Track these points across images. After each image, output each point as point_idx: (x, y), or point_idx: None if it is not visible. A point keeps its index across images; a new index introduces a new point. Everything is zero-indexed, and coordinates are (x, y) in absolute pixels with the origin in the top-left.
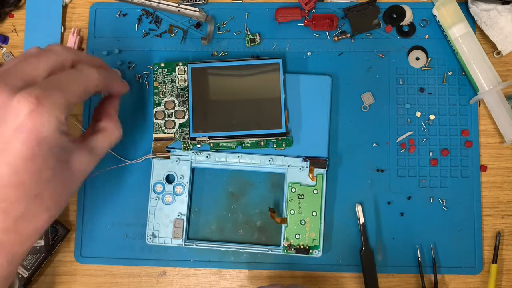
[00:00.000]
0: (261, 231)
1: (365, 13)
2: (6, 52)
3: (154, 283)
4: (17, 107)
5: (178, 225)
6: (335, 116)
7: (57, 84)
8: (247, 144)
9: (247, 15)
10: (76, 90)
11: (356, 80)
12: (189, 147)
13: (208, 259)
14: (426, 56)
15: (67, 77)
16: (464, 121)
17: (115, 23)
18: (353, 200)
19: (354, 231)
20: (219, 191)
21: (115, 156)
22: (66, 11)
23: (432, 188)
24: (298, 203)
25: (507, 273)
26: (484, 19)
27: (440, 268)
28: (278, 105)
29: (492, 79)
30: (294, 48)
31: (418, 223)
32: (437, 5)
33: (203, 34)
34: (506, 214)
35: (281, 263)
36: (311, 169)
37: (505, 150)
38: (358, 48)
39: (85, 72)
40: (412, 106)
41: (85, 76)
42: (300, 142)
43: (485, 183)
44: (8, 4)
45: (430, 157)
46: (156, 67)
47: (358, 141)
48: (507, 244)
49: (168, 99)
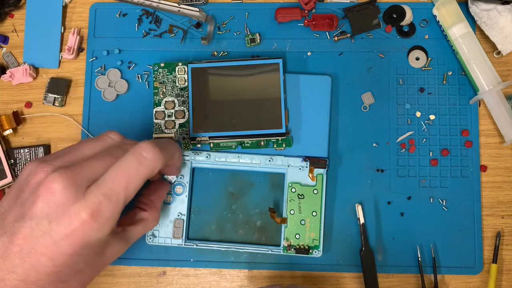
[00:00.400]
0: (261, 231)
1: (365, 13)
2: (6, 52)
3: (154, 283)
4: (73, 214)
5: (178, 225)
6: (335, 116)
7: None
8: (247, 144)
9: (247, 15)
10: (132, 190)
11: (356, 80)
12: (189, 147)
13: (208, 259)
14: (426, 56)
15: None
16: (464, 121)
17: (115, 23)
18: (353, 200)
19: (354, 231)
20: (219, 191)
21: None
22: (66, 11)
23: (432, 188)
24: (298, 203)
25: (507, 273)
26: (484, 19)
27: (440, 268)
28: (278, 105)
29: (492, 79)
30: (294, 48)
31: (418, 223)
32: (437, 5)
33: (203, 34)
34: (506, 214)
35: (281, 263)
36: (311, 169)
37: (505, 150)
38: (358, 48)
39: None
40: (412, 106)
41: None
42: (300, 142)
43: (485, 183)
44: (8, 4)
45: (430, 157)
46: (156, 67)
47: (358, 141)
48: (507, 244)
49: (168, 99)
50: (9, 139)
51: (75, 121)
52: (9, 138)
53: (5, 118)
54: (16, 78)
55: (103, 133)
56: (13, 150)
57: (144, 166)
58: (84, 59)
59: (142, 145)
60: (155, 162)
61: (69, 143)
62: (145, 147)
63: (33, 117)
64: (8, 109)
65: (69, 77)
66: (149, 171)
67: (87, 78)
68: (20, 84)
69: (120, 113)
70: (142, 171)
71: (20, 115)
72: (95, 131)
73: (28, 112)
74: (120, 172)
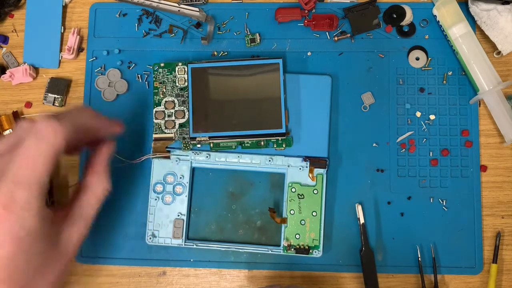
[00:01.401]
0: (261, 231)
1: (365, 13)
2: (6, 52)
3: (154, 283)
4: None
5: (178, 225)
6: (335, 116)
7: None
8: (247, 144)
9: (247, 15)
10: (41, 172)
11: (356, 80)
12: (189, 147)
13: (208, 259)
14: (426, 56)
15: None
16: (464, 121)
17: (115, 23)
18: (353, 200)
19: (354, 231)
20: (219, 191)
21: (115, 156)
22: (66, 11)
23: (432, 188)
24: (298, 203)
25: (507, 273)
26: (484, 19)
27: (440, 268)
28: (278, 105)
29: (492, 79)
30: (294, 48)
31: (418, 223)
32: (437, 5)
33: (203, 34)
34: (506, 214)
35: (281, 263)
36: (311, 169)
37: (505, 150)
38: (358, 48)
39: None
40: (412, 106)
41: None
42: (300, 142)
43: (485, 183)
44: (8, 4)
45: (430, 157)
46: (156, 67)
47: (358, 141)
48: (507, 244)
49: (168, 99)
50: None
51: None
52: None
53: (5, 118)
54: (16, 78)
55: None
56: None
57: (44, 142)
58: (84, 59)
59: (37, 123)
60: (55, 134)
61: None
62: (40, 124)
63: (33, 117)
64: (8, 109)
65: (69, 77)
66: (52, 146)
67: (87, 78)
68: (20, 84)
69: (120, 113)
70: (44, 148)
71: (20, 115)
72: None
73: (28, 112)
74: (22, 156)
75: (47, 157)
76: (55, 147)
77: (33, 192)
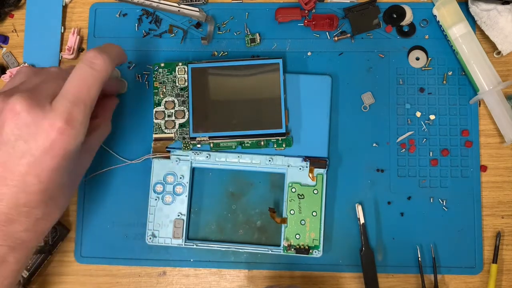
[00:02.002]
0: (261, 231)
1: (365, 13)
2: (6, 52)
3: (154, 283)
4: (48, 127)
5: (178, 225)
6: (335, 116)
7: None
8: (247, 144)
9: (247, 15)
10: (93, 95)
11: (356, 80)
12: (189, 147)
13: (208, 259)
14: (426, 56)
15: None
16: (464, 121)
17: (115, 23)
18: (353, 200)
19: (354, 231)
20: (219, 191)
21: (115, 156)
22: (66, 11)
23: (432, 188)
24: (298, 203)
25: (507, 273)
26: (484, 19)
27: (440, 268)
28: (278, 105)
29: (492, 79)
30: (294, 48)
31: (418, 223)
32: (437, 5)
33: (203, 34)
34: (506, 214)
35: (281, 263)
36: (311, 169)
37: (505, 150)
38: (358, 48)
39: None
40: (412, 106)
41: (97, 72)
42: (300, 142)
43: (485, 183)
44: (8, 4)
45: (430, 157)
46: (156, 67)
47: (358, 141)
48: (507, 244)
49: (168, 99)
50: None
51: None
52: None
53: None
54: None
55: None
56: None
57: (97, 70)
58: None
59: (90, 53)
60: (104, 63)
61: None
62: (92, 53)
63: None
64: None
65: None
66: (102, 74)
67: None
68: None
69: (120, 113)
70: (96, 74)
71: None
72: None
73: None
74: (77, 79)
75: (98, 82)
76: (104, 74)
77: (86, 112)
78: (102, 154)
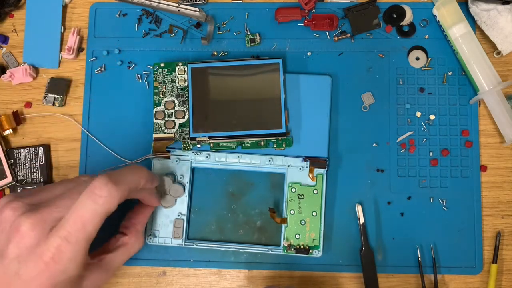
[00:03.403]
0: (261, 231)
1: (365, 13)
2: (6, 52)
3: (154, 283)
4: (38, 257)
5: (178, 225)
6: (335, 116)
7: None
8: (247, 144)
9: (247, 15)
10: (90, 230)
11: (356, 80)
12: (189, 147)
13: (208, 259)
14: (426, 56)
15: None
16: (464, 121)
17: (115, 23)
18: (353, 200)
19: (354, 231)
20: (219, 191)
21: (115, 156)
22: (66, 11)
23: (432, 188)
24: (298, 203)
25: (507, 273)
26: (484, 19)
27: (440, 268)
28: (278, 105)
29: (492, 79)
30: (294, 48)
31: (418, 223)
32: (437, 5)
33: (203, 34)
34: (506, 214)
35: (281, 263)
36: (311, 169)
37: (505, 150)
38: (358, 48)
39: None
40: (412, 106)
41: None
42: (300, 142)
43: (485, 183)
44: (8, 4)
45: (430, 157)
46: (156, 67)
47: (358, 141)
48: (507, 244)
49: (168, 99)
50: (9, 139)
51: (75, 121)
52: (9, 138)
53: (5, 118)
54: (16, 78)
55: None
56: (13, 150)
57: (99, 204)
58: (84, 59)
59: (96, 184)
60: (110, 198)
61: (69, 143)
62: (98, 184)
63: (33, 117)
64: (8, 109)
65: (69, 77)
66: (105, 209)
67: (87, 78)
68: (20, 84)
69: (120, 113)
70: (97, 210)
71: (20, 115)
72: (95, 131)
73: (28, 112)
74: (75, 214)
75: (99, 219)
76: (108, 211)
77: (80, 247)
78: (102, 154)
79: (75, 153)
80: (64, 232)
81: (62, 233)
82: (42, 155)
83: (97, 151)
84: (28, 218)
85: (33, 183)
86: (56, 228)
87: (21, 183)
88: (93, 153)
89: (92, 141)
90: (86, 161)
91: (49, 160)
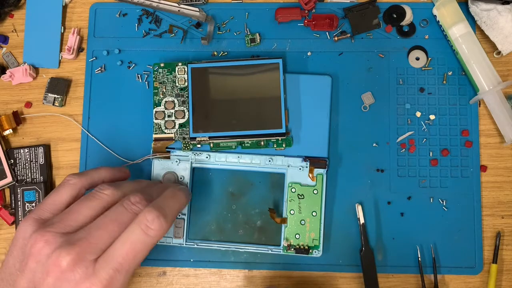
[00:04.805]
0: (261, 231)
1: (365, 13)
2: (6, 52)
3: (154, 283)
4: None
5: (178, 225)
6: (335, 116)
7: (122, 265)
8: (247, 144)
9: (247, 15)
10: (139, 260)
11: (356, 80)
12: (189, 147)
13: (208, 259)
14: (426, 56)
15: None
16: (464, 121)
17: (115, 23)
18: (353, 200)
19: (354, 231)
20: (219, 191)
21: (115, 156)
22: (66, 11)
23: (432, 188)
24: (298, 203)
25: (507, 273)
26: (484, 19)
27: (440, 268)
28: (278, 105)
29: (492, 79)
30: (294, 48)
31: (418, 223)
32: (437, 5)
33: (203, 34)
34: (506, 214)
35: (281, 263)
36: (311, 169)
37: (505, 150)
38: (358, 48)
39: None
40: (412, 106)
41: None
42: (300, 142)
43: (485, 183)
44: (8, 4)
45: (430, 157)
46: (156, 67)
47: (358, 141)
48: (507, 244)
49: (168, 99)
50: (9, 139)
51: (75, 121)
52: (9, 138)
53: (5, 118)
54: (16, 78)
55: (94, 190)
56: (13, 150)
57: (151, 236)
58: (84, 59)
59: (147, 216)
60: (161, 231)
61: (69, 143)
62: (150, 217)
63: (33, 117)
64: (8, 109)
65: (69, 77)
66: (155, 240)
67: (87, 78)
68: (20, 84)
69: (120, 113)
70: (149, 241)
71: (20, 115)
72: (95, 131)
73: (28, 112)
74: (127, 245)
75: (148, 250)
76: (157, 240)
77: (128, 277)
78: (102, 154)
79: (75, 153)
80: (116, 264)
81: (113, 265)
82: (42, 155)
83: (97, 151)
84: (68, 254)
85: (33, 183)
86: (105, 260)
87: (21, 183)
88: (93, 153)
89: (92, 141)
90: (86, 161)
91: (49, 160)
